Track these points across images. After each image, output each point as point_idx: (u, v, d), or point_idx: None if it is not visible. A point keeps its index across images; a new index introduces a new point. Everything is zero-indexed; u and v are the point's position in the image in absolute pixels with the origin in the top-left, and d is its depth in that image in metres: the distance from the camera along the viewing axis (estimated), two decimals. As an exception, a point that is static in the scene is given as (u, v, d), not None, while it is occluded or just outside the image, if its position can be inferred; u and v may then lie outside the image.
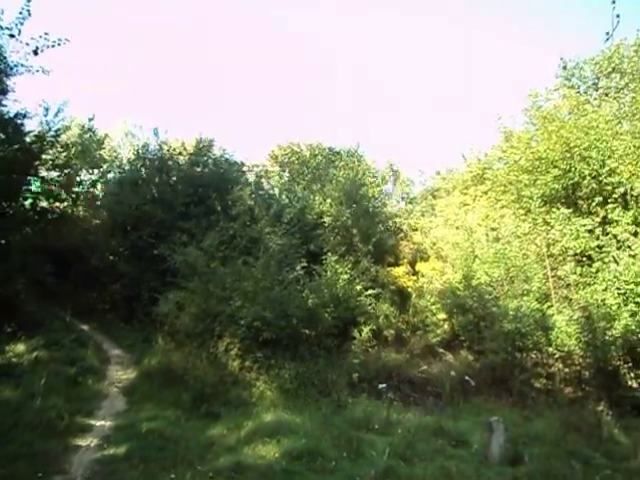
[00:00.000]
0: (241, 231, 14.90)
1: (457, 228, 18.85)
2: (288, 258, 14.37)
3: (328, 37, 64.03)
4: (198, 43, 62.26)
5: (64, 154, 16.83)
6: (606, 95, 17.35)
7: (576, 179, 13.75)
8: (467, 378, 12.66)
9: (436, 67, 61.99)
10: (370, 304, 15.10)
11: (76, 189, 19.42)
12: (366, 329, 14.50)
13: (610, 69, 17.75)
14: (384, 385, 12.19)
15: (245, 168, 20.94)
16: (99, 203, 20.70)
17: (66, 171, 17.49)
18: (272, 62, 64.61)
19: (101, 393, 10.30)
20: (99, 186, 21.48)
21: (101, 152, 23.41)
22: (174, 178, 18.43)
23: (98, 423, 8.52)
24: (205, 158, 18.51)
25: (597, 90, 18.11)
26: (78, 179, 20.48)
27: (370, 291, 15.24)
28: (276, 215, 15.15)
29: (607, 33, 23.58)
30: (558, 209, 14.11)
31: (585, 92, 18.28)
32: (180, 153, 18.61)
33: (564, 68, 19.18)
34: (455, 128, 51.87)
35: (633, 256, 12.22)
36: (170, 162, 18.52)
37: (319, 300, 14.27)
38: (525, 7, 57.73)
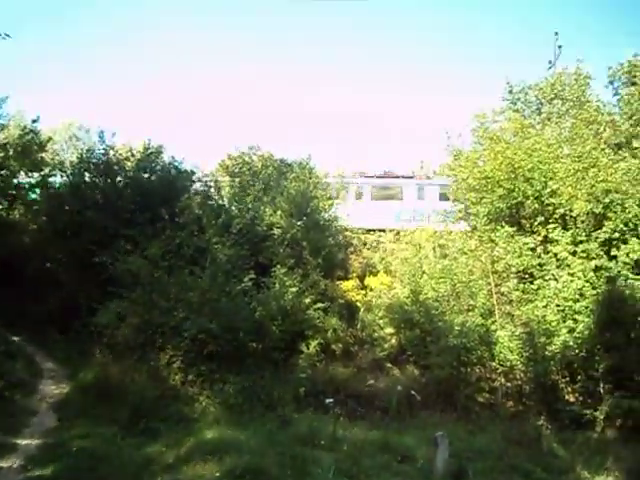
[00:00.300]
0: (188, 240, 14.49)
1: (406, 243, 19.10)
2: (236, 269, 14.07)
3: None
4: (150, 48, 61.05)
5: (0, 154, 15.89)
6: (548, 120, 18.22)
7: (520, 199, 14.23)
8: (413, 392, 12.67)
9: (392, 86, 63.29)
10: (318, 318, 14.94)
11: (12, 192, 18.37)
12: (314, 343, 14.33)
13: (552, 95, 18.69)
14: (331, 400, 11.98)
15: (195, 177, 20.48)
16: (37, 208, 19.62)
17: (2, 172, 16.51)
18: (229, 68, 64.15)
19: (30, 409, 9.60)
20: (38, 190, 20.39)
21: (43, 155, 22.25)
22: (120, 184, 17.78)
23: (24, 442, 7.91)
24: (153, 164, 17.93)
25: (540, 115, 18.99)
26: (15, 181, 19.38)
27: (319, 304, 15.08)
28: (225, 225, 14.84)
29: (550, 62, 24.90)
30: (503, 227, 14.56)
31: (529, 116, 19.14)
32: (127, 158, 17.95)
33: (510, 92, 20.05)
34: (408, 145, 53.06)
35: (571, 274, 12.73)
36: (116, 167, 17.84)
37: (267, 313, 14.04)
38: (475, 30, 59.91)
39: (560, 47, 26.15)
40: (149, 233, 15.24)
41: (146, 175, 17.89)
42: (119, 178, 17.87)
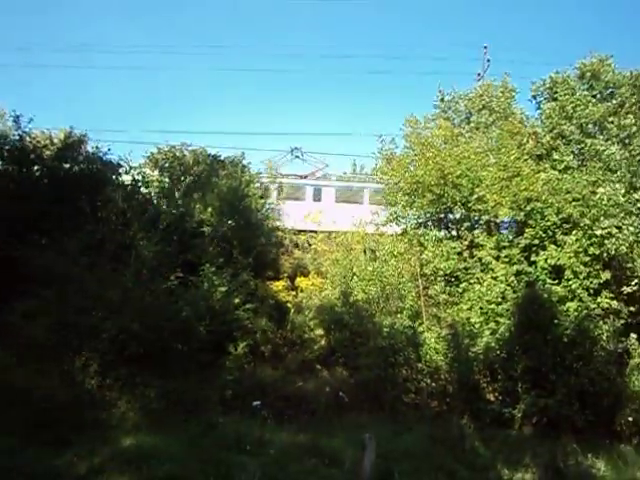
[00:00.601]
0: (111, 235, 13.68)
1: (337, 245, 19.15)
2: (162, 267, 13.44)
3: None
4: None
5: None
6: (477, 129, 18.88)
7: (449, 204, 14.65)
8: (341, 394, 12.67)
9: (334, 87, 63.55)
10: (248, 318, 14.59)
11: None
12: (242, 344, 13.95)
13: (481, 106, 19.39)
14: (258, 402, 11.73)
15: (122, 170, 19.46)
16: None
17: None
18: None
19: None
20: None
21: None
22: (37, 173, 16.53)
23: None
24: (75, 154, 16.81)
25: (469, 124, 19.64)
26: None
27: (248, 305, 14.73)
28: (151, 220, 14.14)
29: (479, 74, 25.99)
30: (432, 231, 14.91)
31: (459, 125, 19.75)
32: (45, 146, 16.71)
33: (442, 100, 20.61)
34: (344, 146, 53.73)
35: (495, 278, 13.24)
36: (32, 155, 16.56)
37: (194, 313, 13.52)
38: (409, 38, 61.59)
39: (489, 61, 27.49)
40: (68, 227, 14.27)
41: (67, 165, 16.77)
42: (36, 167, 16.64)
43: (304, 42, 59.24)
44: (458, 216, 14.88)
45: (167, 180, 20.22)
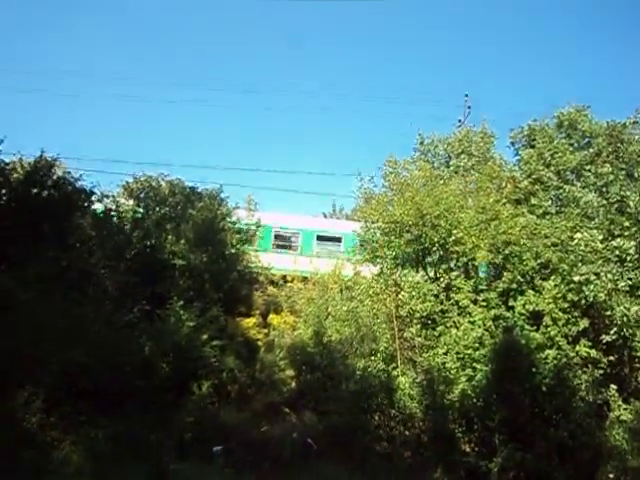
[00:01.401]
0: (76, 263, 13.02)
1: (313, 284, 18.68)
2: (127, 298, 12.80)
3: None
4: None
5: None
6: (455, 173, 18.85)
7: (426, 244, 14.31)
8: (309, 441, 11.94)
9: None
10: (215, 356, 13.87)
11: None
12: (207, 383, 13.21)
13: (460, 150, 19.47)
14: (219, 448, 10.96)
15: (95, 197, 18.91)
16: None
17: None
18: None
19: None
20: None
21: None
22: (4, 197, 15.90)
23: None
24: (44, 178, 16.24)
25: (448, 167, 19.65)
26: None
27: (216, 342, 14.04)
28: (117, 249, 13.53)
29: (460, 120, 26.40)
30: (409, 272, 14.55)
31: (438, 168, 19.77)
32: (14, 169, 16.14)
33: (421, 143, 20.70)
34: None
35: (472, 322, 12.82)
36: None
37: (158, 348, 12.83)
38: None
39: (469, 107, 28.05)
40: (30, 253, 13.58)
41: (35, 190, 16.18)
42: (4, 191, 16.02)
43: (284, 78, 59.97)
44: (436, 257, 14.55)
45: (141, 210, 19.72)
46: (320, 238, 22.97)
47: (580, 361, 12.22)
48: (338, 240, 22.61)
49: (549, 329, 12.42)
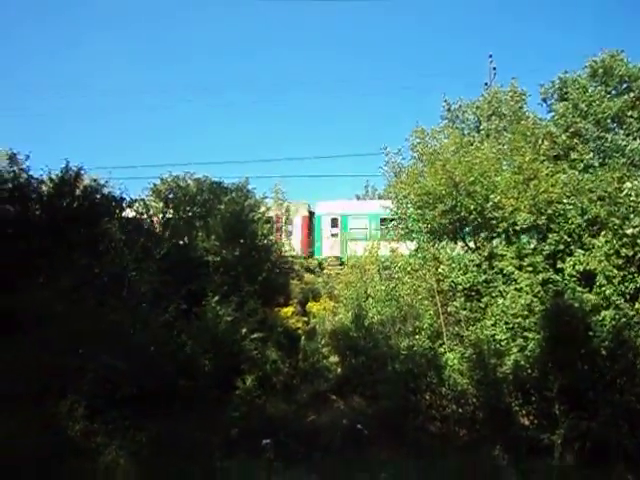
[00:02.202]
0: (107, 269, 13.02)
1: (351, 267, 18.22)
2: (162, 299, 12.70)
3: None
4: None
5: None
6: (487, 137, 17.99)
7: (463, 214, 13.61)
8: (359, 427, 11.56)
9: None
10: (256, 349, 13.67)
11: None
12: (251, 377, 13.03)
13: (490, 112, 18.58)
14: (268, 441, 10.66)
15: (125, 203, 19.01)
16: None
17: None
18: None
19: None
20: None
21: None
22: (35, 210, 16.11)
23: None
24: (72, 188, 16.35)
25: (479, 132, 18.80)
26: None
27: (256, 334, 13.84)
28: (146, 250, 13.44)
29: (486, 83, 25.20)
30: (447, 244, 13.91)
31: (468, 134, 18.91)
32: (43, 182, 16.32)
33: (448, 110, 19.87)
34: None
35: (519, 289, 12.09)
36: (31, 193, 16.16)
37: (198, 346, 12.71)
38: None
39: (495, 69, 26.71)
40: (63, 263, 13.66)
41: (66, 200, 16.33)
42: (36, 205, 16.24)
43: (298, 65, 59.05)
44: (474, 226, 13.82)
45: (171, 211, 19.72)
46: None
47: (641, 319, 11.36)
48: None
49: (603, 289, 11.57)
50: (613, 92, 16.66)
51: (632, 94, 15.81)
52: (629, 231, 11.53)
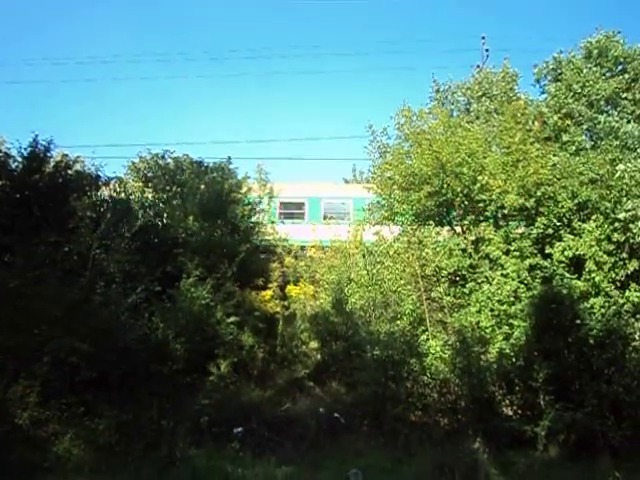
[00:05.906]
0: (76, 248, 12.35)
1: (334, 251, 17.67)
2: (134, 280, 12.09)
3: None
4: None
5: None
6: (477, 118, 17.44)
7: (449, 196, 13.09)
8: (336, 415, 11.11)
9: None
10: (232, 333, 13.12)
11: None
12: (225, 363, 12.50)
13: (480, 93, 18.01)
14: (239, 430, 10.21)
15: (101, 181, 18.25)
16: None
17: None
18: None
19: None
20: None
21: None
22: (6, 188, 15.33)
23: None
24: (42, 164, 15.57)
25: (469, 113, 18.22)
26: None
27: (232, 318, 13.28)
28: (115, 228, 12.78)
29: (478, 65, 24.52)
30: (432, 228, 13.41)
31: (457, 115, 18.32)
32: (8, 155, 15.50)
33: (437, 91, 19.27)
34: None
35: (505, 275, 11.63)
36: (-2, 168, 15.37)
37: (171, 330, 12.15)
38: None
39: (487, 51, 26.03)
40: (30, 241, 12.98)
41: (36, 176, 15.56)
42: (6, 181, 15.46)
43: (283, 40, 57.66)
44: (460, 209, 13.29)
45: (150, 190, 19.03)
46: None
47: (631, 308, 10.94)
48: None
49: (593, 275, 11.14)
50: (608, 74, 16.14)
51: (627, 75, 15.31)
52: (621, 215, 11.07)
